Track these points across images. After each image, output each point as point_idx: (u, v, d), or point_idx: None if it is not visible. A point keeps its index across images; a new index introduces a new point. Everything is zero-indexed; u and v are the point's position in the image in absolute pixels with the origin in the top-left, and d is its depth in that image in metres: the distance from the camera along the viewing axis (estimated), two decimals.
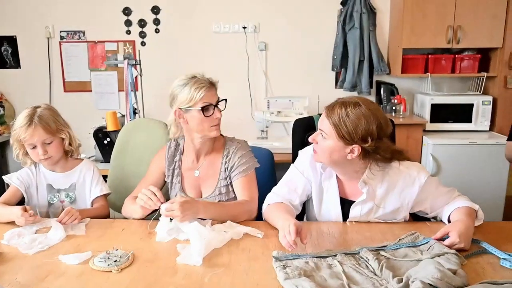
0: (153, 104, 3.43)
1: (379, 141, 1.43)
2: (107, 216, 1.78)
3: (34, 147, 1.66)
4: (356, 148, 1.42)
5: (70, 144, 1.74)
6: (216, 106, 1.64)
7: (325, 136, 1.46)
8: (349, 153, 1.44)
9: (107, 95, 3.64)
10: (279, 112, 3.31)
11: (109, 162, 2.28)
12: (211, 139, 1.71)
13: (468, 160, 3.05)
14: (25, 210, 1.51)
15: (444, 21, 3.16)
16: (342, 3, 3.42)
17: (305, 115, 3.16)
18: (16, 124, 1.64)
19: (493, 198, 3.06)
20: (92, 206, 1.77)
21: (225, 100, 1.69)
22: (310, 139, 1.53)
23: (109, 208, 1.80)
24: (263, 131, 3.34)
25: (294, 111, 3.30)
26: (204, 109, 1.61)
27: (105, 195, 1.81)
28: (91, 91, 3.64)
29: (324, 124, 1.47)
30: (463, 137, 3.13)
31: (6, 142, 3.66)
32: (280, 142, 3.23)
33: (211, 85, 1.64)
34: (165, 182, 1.80)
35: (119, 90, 3.62)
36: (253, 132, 3.35)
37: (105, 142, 2.73)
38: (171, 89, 1.67)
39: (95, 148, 2.84)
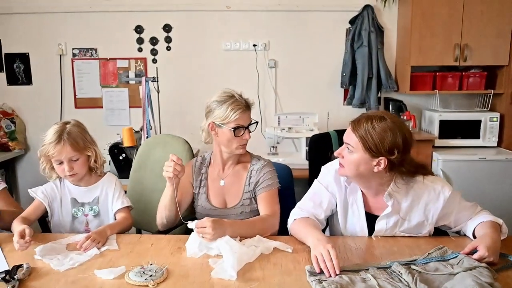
0: (164, 120, 3.45)
1: (405, 153, 1.46)
2: (130, 227, 1.80)
3: (61, 163, 1.68)
4: (383, 161, 1.45)
5: (95, 162, 1.76)
6: (247, 128, 1.72)
7: (351, 150, 1.49)
8: (375, 165, 1.46)
9: (118, 111, 3.67)
10: (289, 128, 3.35)
11: (124, 177, 2.30)
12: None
13: (478, 175, 3.08)
14: (23, 236, 1.45)
15: (451, 39, 3.22)
16: (350, 22, 3.50)
17: (316, 131, 3.20)
18: (45, 140, 1.67)
19: (503, 213, 3.05)
20: (115, 219, 1.79)
21: (256, 123, 1.78)
22: (336, 153, 1.56)
23: (132, 219, 1.81)
24: (273, 147, 3.37)
25: (304, 127, 3.34)
26: (235, 130, 1.68)
27: (127, 207, 1.82)
28: (102, 107, 3.67)
29: (350, 138, 1.50)
30: (472, 153, 3.17)
31: (16, 158, 3.67)
32: (290, 158, 3.26)
33: (247, 107, 1.75)
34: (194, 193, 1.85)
35: (130, 107, 3.65)
36: (263, 148, 3.38)
37: (121, 158, 2.75)
38: (208, 101, 1.76)
39: (110, 164, 2.86)
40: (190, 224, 1.47)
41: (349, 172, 1.52)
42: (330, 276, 1.24)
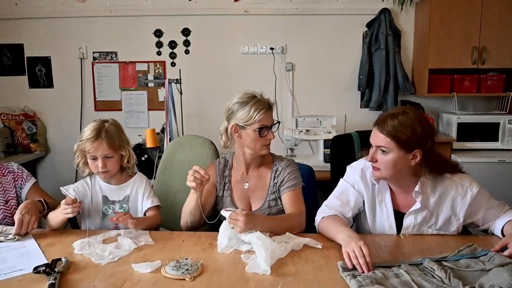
0: (183, 121, 3.50)
1: (434, 141, 1.51)
2: (159, 226, 1.84)
3: (95, 159, 1.73)
4: (418, 152, 1.48)
5: (128, 161, 1.81)
6: (270, 128, 1.72)
7: (385, 151, 1.50)
8: (412, 159, 1.49)
9: (137, 114, 3.72)
10: (307, 130, 3.37)
11: (147, 178, 2.33)
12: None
13: (498, 178, 3.06)
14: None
15: (469, 42, 3.22)
16: (367, 25, 3.52)
17: (334, 133, 3.21)
18: (83, 136, 1.72)
19: None
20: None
21: (278, 122, 1.78)
22: (368, 158, 1.56)
23: (161, 217, 1.84)
24: (291, 149, 3.39)
25: (322, 129, 3.36)
26: (260, 130, 1.69)
27: (157, 206, 1.86)
28: (121, 110, 3.72)
29: (380, 140, 1.50)
30: (491, 156, 3.16)
31: (37, 160, 3.74)
32: (308, 160, 3.27)
33: (270, 107, 1.73)
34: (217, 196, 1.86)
35: (149, 109, 3.71)
36: (280, 151, 3.39)
37: (143, 158, 2.79)
38: (229, 103, 1.75)
39: None
40: (224, 213, 1.49)
41: (387, 174, 1.52)
42: (363, 272, 1.25)
